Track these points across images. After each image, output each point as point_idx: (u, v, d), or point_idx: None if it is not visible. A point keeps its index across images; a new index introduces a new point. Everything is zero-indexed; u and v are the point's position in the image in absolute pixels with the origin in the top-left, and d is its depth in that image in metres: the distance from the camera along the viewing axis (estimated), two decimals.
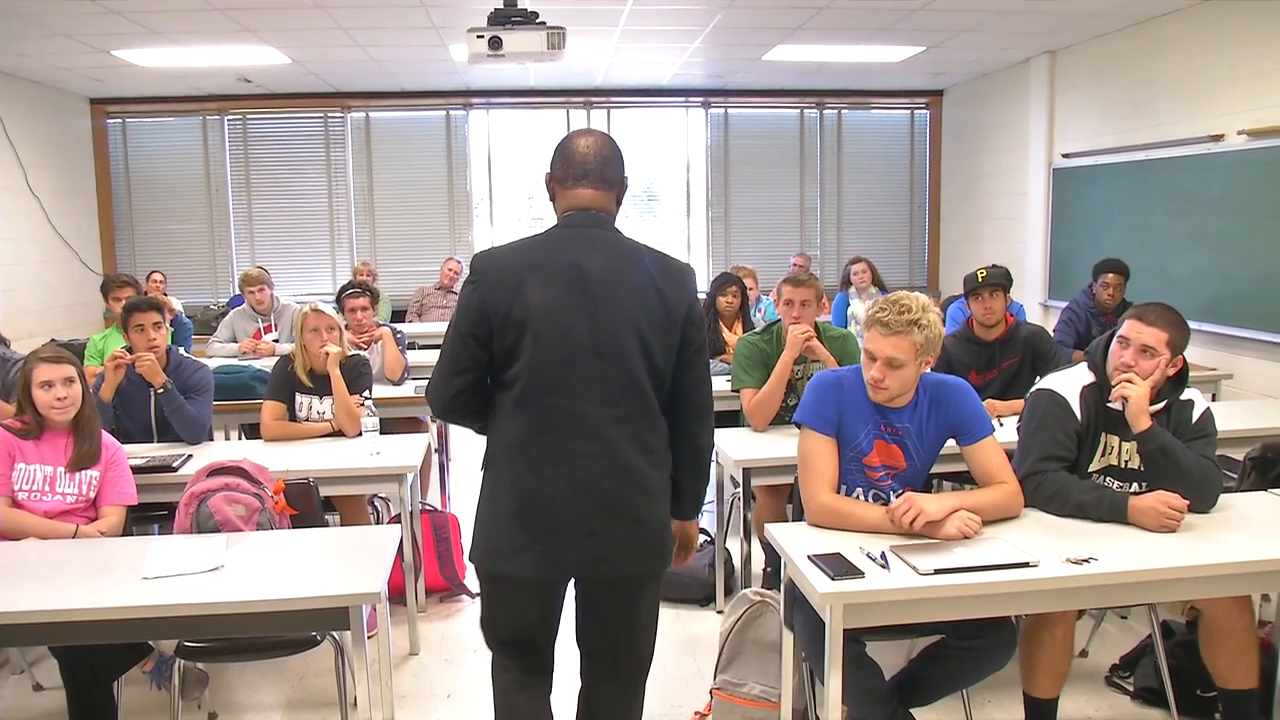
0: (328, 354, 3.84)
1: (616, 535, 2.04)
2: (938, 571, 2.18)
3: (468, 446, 6.72)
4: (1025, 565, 2.21)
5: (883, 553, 2.27)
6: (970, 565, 2.21)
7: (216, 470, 2.88)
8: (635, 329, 2.05)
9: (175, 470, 3.35)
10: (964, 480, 3.83)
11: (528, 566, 2.04)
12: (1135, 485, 2.65)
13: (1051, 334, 4.20)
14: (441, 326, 7.56)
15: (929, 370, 2.55)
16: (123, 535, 2.94)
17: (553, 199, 2.17)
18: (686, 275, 2.15)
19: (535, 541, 2.03)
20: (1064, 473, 2.59)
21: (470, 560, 2.17)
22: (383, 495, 4.13)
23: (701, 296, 6.58)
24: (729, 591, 3.95)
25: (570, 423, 2.03)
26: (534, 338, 2.02)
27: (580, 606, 2.21)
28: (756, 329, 4.09)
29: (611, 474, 2.04)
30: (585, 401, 2.03)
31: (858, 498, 2.61)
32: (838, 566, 2.21)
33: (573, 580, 2.16)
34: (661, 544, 2.12)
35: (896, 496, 2.59)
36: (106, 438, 3.01)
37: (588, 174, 2.12)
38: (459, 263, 8.26)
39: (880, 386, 2.49)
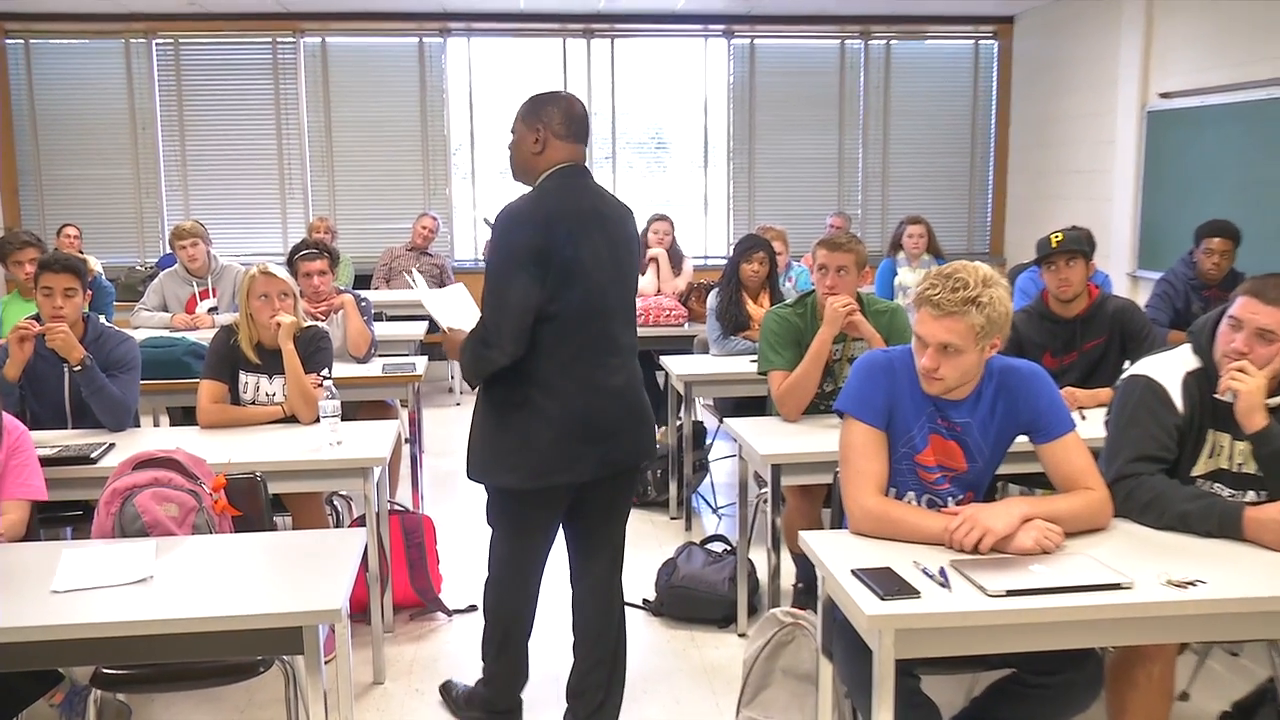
0: (279, 325, 3.81)
1: (642, 431, 2.97)
2: (1009, 593, 2.15)
3: (444, 436, 6.73)
4: (1116, 587, 2.18)
5: (942, 568, 2.25)
6: (1049, 586, 2.18)
7: (144, 462, 2.86)
8: (631, 260, 2.96)
9: (94, 462, 3.33)
10: (1038, 484, 3.83)
11: (588, 470, 2.85)
12: (1251, 494, 2.62)
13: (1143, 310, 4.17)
14: (414, 294, 7.56)
15: (996, 354, 2.53)
16: (26, 539, 2.92)
17: (537, 151, 2.83)
18: (632, 210, 3.05)
19: (590, 448, 2.83)
20: (1162, 476, 2.57)
21: (504, 483, 2.88)
22: (344, 493, 4.12)
23: (722, 263, 6.63)
24: (753, 611, 3.95)
25: (605, 345, 2.86)
26: (578, 276, 2.76)
27: (585, 506, 2.99)
28: (787, 300, 4.08)
29: (632, 384, 2.94)
30: (612, 326, 2.88)
31: (909, 503, 2.60)
32: (888, 584, 2.19)
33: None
34: (655, 432, 3.13)
35: (955, 503, 2.58)
36: (8, 419, 2.98)
37: (584, 132, 2.89)
38: (434, 220, 8.25)
39: (933, 377, 2.48)
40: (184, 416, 4.57)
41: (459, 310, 3.02)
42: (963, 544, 2.35)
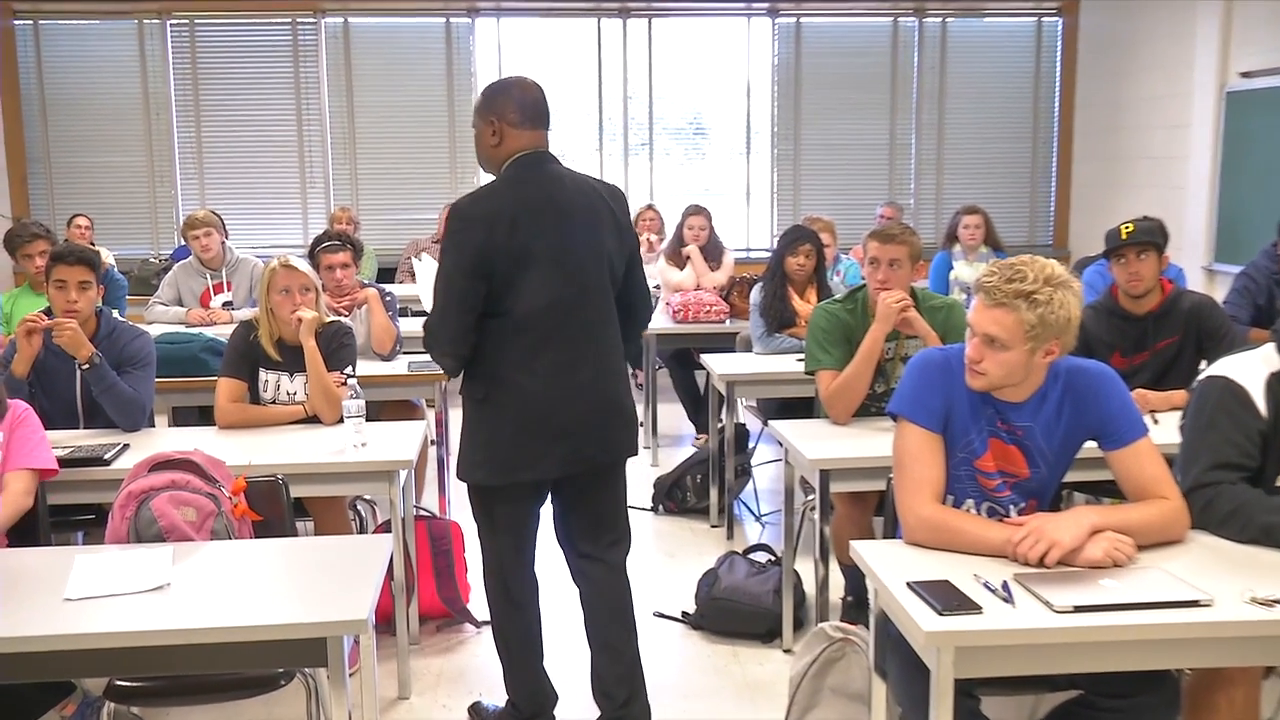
0: (300, 320, 3.84)
1: (614, 426, 3.05)
2: (1077, 609, 2.13)
3: None
4: (1194, 605, 2.15)
5: (1005, 582, 2.23)
6: (1120, 602, 2.16)
7: (161, 464, 2.89)
8: (604, 248, 3.01)
9: (108, 463, 3.37)
10: (1106, 493, 3.80)
11: (553, 467, 2.97)
12: None
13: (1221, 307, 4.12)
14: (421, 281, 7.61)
15: (1058, 356, 2.50)
16: (37, 543, 2.97)
17: (495, 143, 2.97)
18: (621, 192, 3.15)
19: (553, 445, 2.94)
20: (1244, 486, 2.53)
21: (474, 479, 3.02)
22: (368, 497, 4.15)
23: (766, 256, 6.61)
24: (799, 625, 3.95)
25: (571, 336, 2.94)
26: (532, 269, 2.86)
27: (568, 504, 3.14)
28: (836, 296, 4.07)
29: (604, 376, 3.02)
30: (580, 315, 2.95)
31: (968, 511, 2.59)
32: (947, 598, 2.18)
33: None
34: (636, 428, 3.17)
35: (1017, 512, 2.57)
36: (16, 402, 3.05)
37: (541, 116, 2.99)
38: None
39: (976, 370, 2.47)
40: (201, 416, 4.62)
41: None
42: (1027, 557, 2.33)
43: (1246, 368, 2.63)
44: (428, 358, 5.04)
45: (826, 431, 3.70)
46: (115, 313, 4.05)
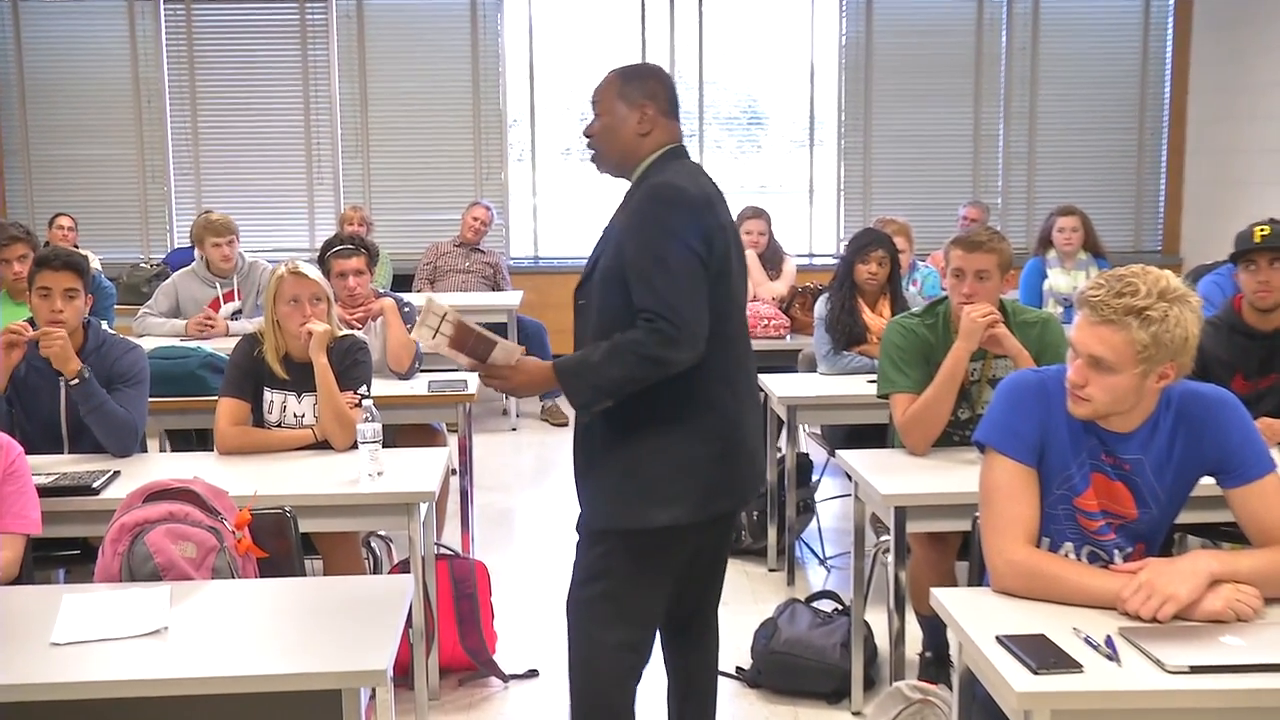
0: (310, 334, 3.88)
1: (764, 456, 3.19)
2: (1194, 669, 2.13)
3: (498, 468, 6.80)
4: None
5: (1109, 637, 2.23)
6: (1244, 663, 2.15)
7: (157, 494, 2.92)
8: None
9: (97, 493, 3.42)
10: (1225, 536, 3.76)
11: (748, 493, 3.04)
12: None
13: None
14: (466, 298, 7.70)
15: (1172, 381, 2.48)
16: (18, 581, 3.00)
17: (645, 131, 2.89)
18: None
19: (748, 470, 2.98)
20: None
21: (662, 520, 2.81)
22: (382, 533, 4.18)
23: (832, 263, 6.56)
24: (870, 684, 3.93)
25: (748, 351, 3.03)
26: (732, 270, 2.87)
27: (692, 561, 3.02)
28: (913, 309, 4.06)
29: (757, 408, 3.09)
30: (746, 327, 3.06)
31: (1066, 555, 2.58)
32: (1043, 654, 2.18)
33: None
34: None
35: (1123, 557, 2.57)
36: (8, 443, 3.09)
37: (678, 109, 2.99)
38: (488, 210, 8.34)
39: (1079, 395, 2.46)
40: (198, 440, 4.68)
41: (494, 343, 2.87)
42: (1140, 612, 2.32)
43: None
44: (450, 376, 5.14)
45: (902, 463, 3.68)
46: (105, 324, 4.11)
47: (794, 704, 3.92)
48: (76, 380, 3.76)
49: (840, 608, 4.18)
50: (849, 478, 3.85)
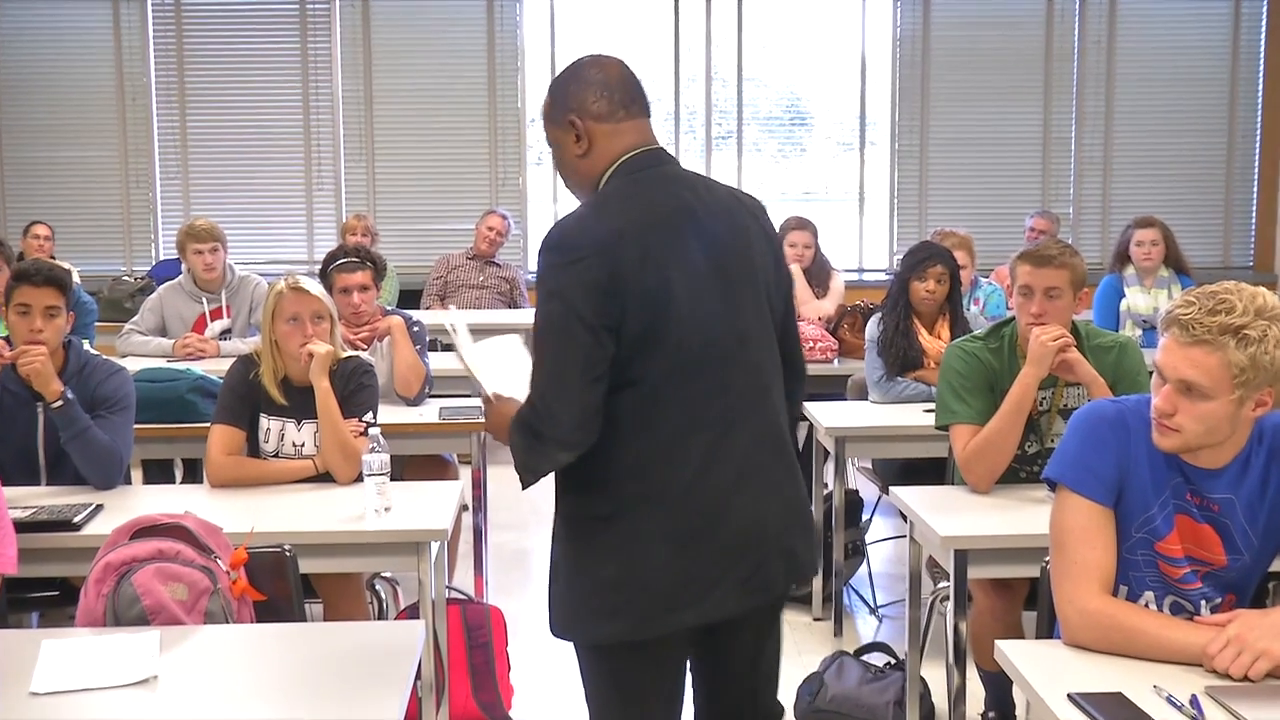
0: (311, 355, 3.91)
1: (798, 539, 2.67)
2: None
3: (513, 503, 6.78)
4: None
5: (1193, 697, 2.22)
6: None
7: (144, 530, 2.95)
8: (764, 283, 2.67)
9: (78, 528, 3.44)
10: None
11: (729, 599, 2.56)
12: None
13: None
14: (479, 316, 7.72)
15: (1269, 410, 2.48)
16: None
17: (582, 151, 2.61)
18: (762, 204, 2.79)
19: (728, 564, 2.55)
20: None
21: (601, 636, 2.58)
22: (389, 575, 4.21)
23: (885, 280, 6.51)
24: None
25: (735, 398, 2.58)
26: (674, 311, 2.49)
27: (718, 661, 2.75)
28: (975, 331, 4.05)
29: (777, 457, 2.65)
30: (735, 378, 2.58)
31: (1146, 605, 2.57)
32: (1120, 714, 2.18)
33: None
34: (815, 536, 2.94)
35: (1210, 609, 2.56)
36: None
37: (635, 98, 2.64)
38: (504, 219, 8.37)
39: (1167, 425, 2.45)
40: (188, 472, 4.71)
41: (509, 369, 2.78)
42: (1229, 670, 2.31)
43: None
44: (463, 402, 5.16)
45: (963, 502, 3.68)
46: (86, 344, 4.15)
47: None
48: (58, 404, 3.77)
49: (893, 661, 4.17)
50: (903, 517, 3.84)
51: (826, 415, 4.97)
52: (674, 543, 2.51)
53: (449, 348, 6.72)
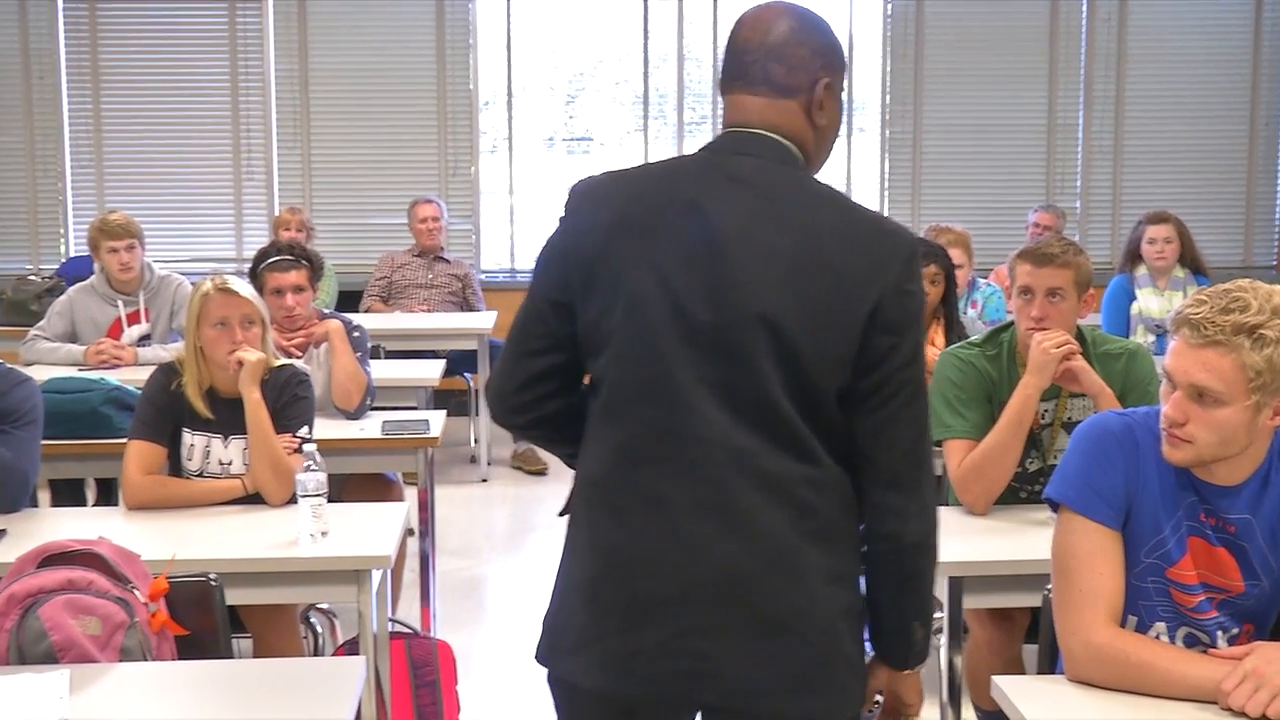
0: (241, 363, 3.89)
1: (735, 637, 2.20)
2: None
3: (465, 526, 6.79)
4: None
5: None
6: None
7: (53, 557, 2.93)
8: (773, 317, 2.20)
9: None
10: None
11: (590, 670, 2.26)
12: None
13: None
14: (429, 320, 7.72)
15: None
16: None
17: None
18: (889, 245, 2.26)
19: (608, 630, 2.24)
20: None
21: (536, 659, 2.38)
22: (326, 606, 4.20)
23: None
24: None
25: (667, 448, 2.23)
26: (626, 308, 2.23)
27: None
28: (971, 337, 4.06)
29: (727, 534, 2.21)
30: (692, 418, 2.22)
31: (1158, 637, 2.58)
32: None
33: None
34: (828, 671, 2.30)
35: (1227, 640, 2.57)
36: None
37: (747, 70, 2.32)
38: (438, 206, 8.33)
39: (1178, 436, 2.46)
40: (102, 492, 4.69)
41: None
42: (1244, 707, 2.31)
43: None
44: (407, 415, 5.15)
45: (958, 524, 3.68)
46: None
47: None
48: None
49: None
50: None
51: None
52: (581, 580, 2.30)
53: (392, 354, 6.80)
